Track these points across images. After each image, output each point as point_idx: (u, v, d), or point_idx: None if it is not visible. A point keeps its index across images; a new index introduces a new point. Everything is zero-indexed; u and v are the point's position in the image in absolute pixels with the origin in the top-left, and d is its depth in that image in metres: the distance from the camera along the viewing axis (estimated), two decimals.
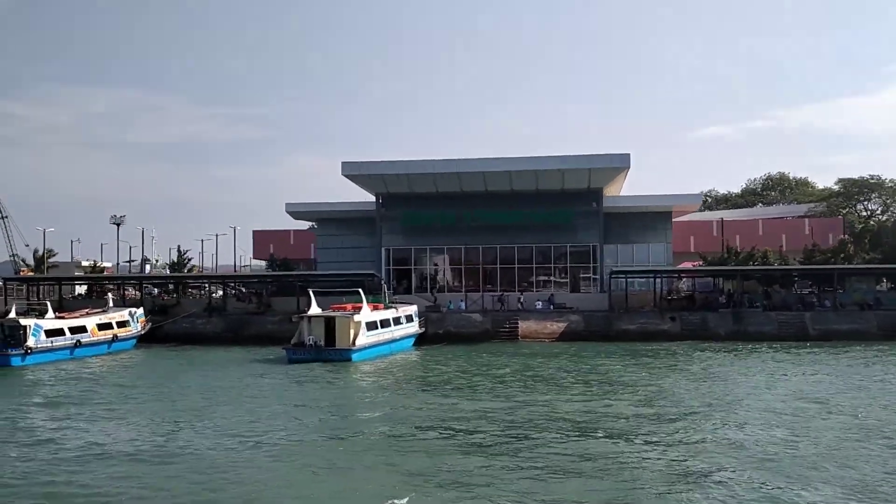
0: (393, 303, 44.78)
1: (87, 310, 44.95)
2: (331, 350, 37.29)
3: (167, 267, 68.25)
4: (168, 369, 36.52)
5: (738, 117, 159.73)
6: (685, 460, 17.95)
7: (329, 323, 38.14)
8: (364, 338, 38.10)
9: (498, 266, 56.00)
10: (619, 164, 50.85)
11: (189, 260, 64.67)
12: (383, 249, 56.00)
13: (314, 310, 39.26)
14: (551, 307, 51.82)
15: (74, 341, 40.64)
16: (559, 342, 47.35)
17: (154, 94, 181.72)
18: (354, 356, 37.16)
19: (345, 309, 39.94)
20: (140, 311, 47.30)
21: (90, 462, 18.35)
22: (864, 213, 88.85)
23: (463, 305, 51.99)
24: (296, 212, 58.53)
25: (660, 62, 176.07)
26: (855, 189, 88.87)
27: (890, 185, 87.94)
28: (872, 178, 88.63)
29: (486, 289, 54.78)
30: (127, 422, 23.67)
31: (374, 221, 56.58)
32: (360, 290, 42.13)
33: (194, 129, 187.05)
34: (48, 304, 43.09)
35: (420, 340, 45.94)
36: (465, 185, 53.65)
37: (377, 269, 54.78)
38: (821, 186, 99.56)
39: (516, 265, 55.90)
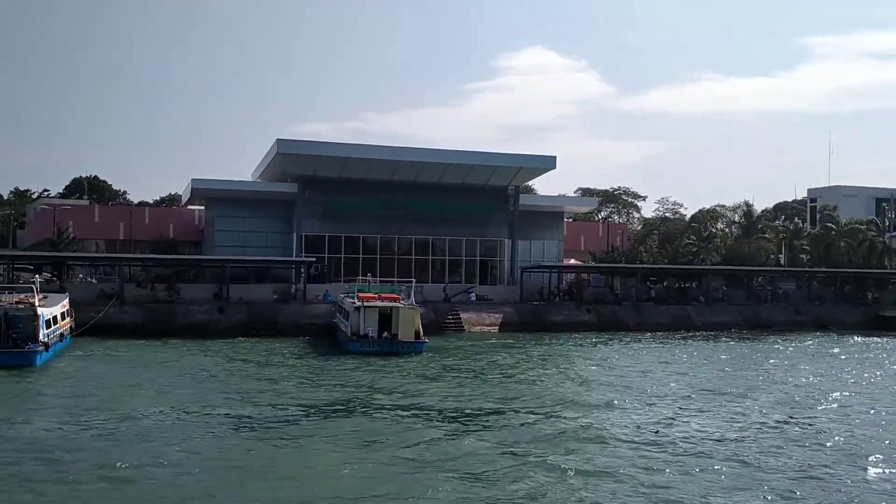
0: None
1: (24, 295, 35.70)
2: (403, 343, 35.61)
3: None
4: (243, 378, 29.38)
5: (335, 116, 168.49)
6: None
7: (386, 314, 36.16)
8: (422, 329, 36.91)
9: (413, 257, 55.88)
10: (546, 166, 54.17)
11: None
12: (295, 235, 52.66)
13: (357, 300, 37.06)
14: (474, 297, 53.48)
15: (59, 334, 32.81)
16: (503, 333, 49.38)
17: None
18: (423, 348, 35.96)
19: (374, 299, 37.94)
20: (67, 297, 38.95)
21: None
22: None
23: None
24: (201, 188, 52.06)
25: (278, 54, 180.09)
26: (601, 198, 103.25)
27: (630, 198, 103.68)
28: (616, 190, 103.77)
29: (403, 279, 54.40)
30: None
31: (284, 205, 53.01)
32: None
33: None
34: (35, 283, 33.45)
35: None
36: (399, 175, 52.75)
37: (289, 255, 51.49)
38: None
39: (430, 256, 56.33)
